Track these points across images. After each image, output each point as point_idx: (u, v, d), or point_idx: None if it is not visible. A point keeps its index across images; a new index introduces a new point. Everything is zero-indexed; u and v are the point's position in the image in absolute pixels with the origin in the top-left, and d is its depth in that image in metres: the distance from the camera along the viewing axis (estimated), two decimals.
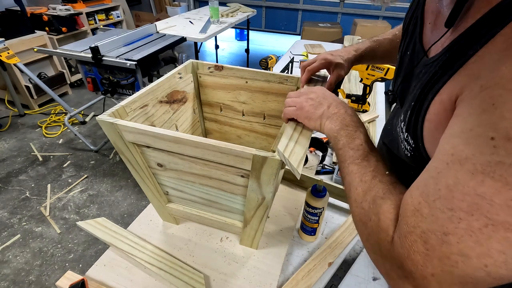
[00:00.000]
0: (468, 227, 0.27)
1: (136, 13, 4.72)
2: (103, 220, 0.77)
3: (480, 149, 0.27)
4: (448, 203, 0.28)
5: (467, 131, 0.28)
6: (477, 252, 0.26)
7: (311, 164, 0.98)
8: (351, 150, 0.44)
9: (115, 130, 0.53)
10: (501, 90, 0.26)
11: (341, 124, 0.47)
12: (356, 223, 0.41)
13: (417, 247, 0.30)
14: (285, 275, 0.68)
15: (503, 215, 0.25)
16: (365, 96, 1.27)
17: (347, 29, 4.11)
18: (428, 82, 0.38)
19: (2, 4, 3.16)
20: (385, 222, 0.35)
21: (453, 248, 0.27)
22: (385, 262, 0.35)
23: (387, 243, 0.34)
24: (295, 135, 0.51)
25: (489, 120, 0.26)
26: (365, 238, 0.39)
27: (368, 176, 0.40)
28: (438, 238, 0.28)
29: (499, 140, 0.25)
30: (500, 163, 0.25)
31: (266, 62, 1.48)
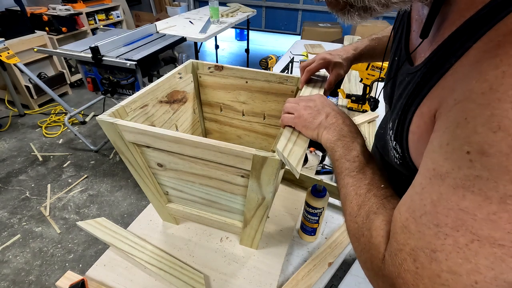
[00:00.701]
0: (455, 243, 0.27)
1: (136, 13, 4.72)
2: (103, 220, 0.77)
3: (457, 163, 0.27)
4: (434, 219, 0.28)
5: (444, 145, 0.29)
6: (466, 269, 0.26)
7: (311, 164, 0.98)
8: (347, 162, 0.43)
9: (115, 130, 0.53)
10: (472, 104, 0.26)
11: (338, 134, 0.46)
12: (351, 238, 0.41)
13: (407, 266, 0.30)
14: (285, 275, 0.68)
15: (487, 230, 0.25)
16: (365, 96, 1.27)
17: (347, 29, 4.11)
18: (412, 92, 0.38)
19: (2, 4, 3.16)
20: (377, 239, 0.35)
21: (443, 266, 0.27)
22: (377, 279, 0.34)
23: (378, 261, 0.34)
24: (294, 133, 0.51)
25: (463, 134, 0.26)
26: (358, 254, 0.38)
27: (363, 189, 0.40)
28: (427, 255, 0.28)
29: (474, 154, 0.25)
30: (478, 178, 0.25)
31: (266, 62, 1.48)
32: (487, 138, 0.24)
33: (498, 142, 0.24)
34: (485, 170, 0.25)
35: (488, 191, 0.25)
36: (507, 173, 0.24)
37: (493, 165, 0.24)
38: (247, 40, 3.80)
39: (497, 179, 0.24)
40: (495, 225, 0.25)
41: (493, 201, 0.25)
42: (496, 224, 0.25)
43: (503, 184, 0.24)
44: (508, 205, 0.24)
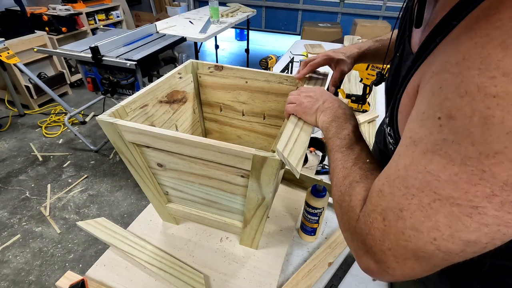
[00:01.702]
0: (419, 203, 0.28)
1: (136, 13, 4.72)
2: (103, 220, 0.77)
3: (430, 129, 0.28)
4: (404, 182, 0.30)
5: (420, 114, 0.30)
6: (427, 226, 0.28)
7: (311, 164, 0.98)
8: (338, 140, 0.47)
9: (115, 130, 0.53)
10: (446, 74, 0.28)
11: (333, 116, 0.51)
12: (334, 206, 0.44)
13: (377, 224, 0.32)
14: (285, 275, 0.68)
15: (448, 190, 0.27)
16: (365, 96, 1.27)
17: (347, 29, 4.11)
18: (404, 77, 0.40)
19: (2, 4, 3.16)
20: (355, 202, 0.38)
21: (407, 223, 0.29)
22: (353, 239, 0.37)
23: (354, 221, 0.37)
24: (294, 133, 0.51)
25: (436, 102, 0.28)
26: (340, 218, 0.41)
27: (349, 163, 0.43)
28: (394, 214, 0.30)
29: (443, 119, 0.27)
30: (445, 141, 0.27)
31: (266, 62, 1.48)
32: (455, 103, 0.26)
33: (463, 106, 0.25)
34: (451, 133, 0.26)
35: (452, 154, 0.26)
36: (469, 135, 0.25)
37: (458, 128, 0.26)
38: (247, 40, 3.80)
39: (460, 142, 0.26)
40: (455, 186, 0.26)
41: (455, 163, 0.26)
42: (456, 185, 0.26)
43: (464, 146, 0.25)
44: (468, 166, 0.25)
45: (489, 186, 0.25)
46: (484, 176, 0.25)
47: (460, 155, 0.26)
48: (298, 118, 0.57)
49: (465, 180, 0.26)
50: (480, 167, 0.25)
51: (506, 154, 0.24)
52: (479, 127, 0.24)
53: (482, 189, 0.25)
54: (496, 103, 0.23)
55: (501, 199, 0.25)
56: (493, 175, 0.24)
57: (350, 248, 0.39)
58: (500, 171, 0.24)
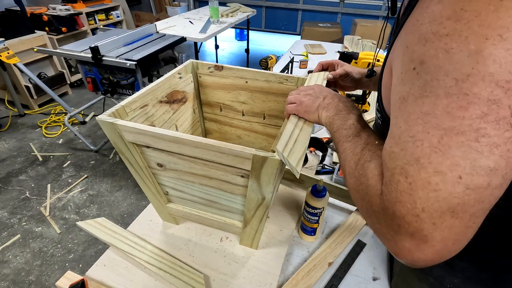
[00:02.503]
0: (430, 145, 0.29)
1: (136, 13, 4.72)
2: (103, 220, 0.77)
3: (411, 81, 0.32)
4: (409, 132, 0.31)
5: (399, 75, 0.34)
6: (447, 165, 0.28)
7: (311, 164, 0.98)
8: (344, 130, 0.47)
9: (115, 130, 0.53)
10: (408, 36, 0.34)
11: (335, 110, 0.52)
12: (352, 194, 0.42)
13: (401, 186, 0.31)
14: (285, 275, 0.68)
15: (447, 122, 0.28)
16: (365, 96, 1.27)
17: (347, 29, 4.11)
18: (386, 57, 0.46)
19: (2, 4, 3.16)
20: (373, 179, 0.37)
21: (429, 170, 0.29)
22: (379, 220, 0.35)
23: (377, 197, 0.35)
24: (294, 133, 0.51)
25: (407, 58, 0.33)
26: (360, 204, 0.40)
27: (358, 148, 0.43)
28: (413, 167, 0.30)
29: (418, 67, 0.31)
30: (426, 82, 0.30)
31: (266, 62, 1.48)
32: (421, 51, 0.31)
33: (428, 50, 0.30)
34: (428, 74, 0.30)
35: (436, 90, 0.29)
36: (441, 69, 0.29)
37: (431, 68, 0.30)
38: (247, 40, 3.80)
39: (437, 77, 0.29)
40: (451, 116, 0.28)
41: (442, 96, 0.29)
42: (451, 115, 0.28)
43: (442, 80, 0.29)
44: (453, 95, 0.28)
45: (478, 107, 0.27)
46: (469, 99, 0.27)
47: (442, 88, 0.29)
48: (298, 118, 0.57)
49: (456, 107, 0.28)
50: (463, 91, 0.27)
51: (476, 74, 0.27)
52: (445, 60, 0.28)
53: (474, 111, 0.27)
54: (449, 39, 0.28)
55: (494, 117, 0.26)
56: (476, 96, 0.27)
57: (379, 234, 0.36)
58: (479, 90, 0.27)
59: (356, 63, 1.19)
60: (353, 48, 2.07)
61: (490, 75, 0.26)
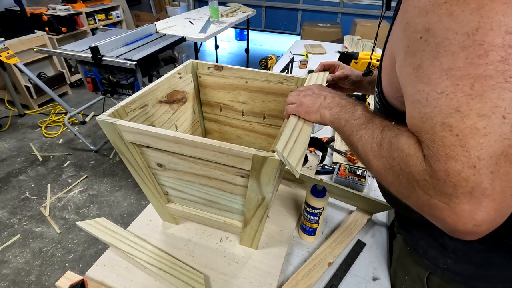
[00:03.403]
0: (464, 94, 0.30)
1: (136, 13, 4.72)
2: (103, 220, 0.77)
3: (421, 49, 0.34)
4: (437, 89, 0.32)
5: (406, 49, 0.36)
6: (488, 108, 0.28)
7: (311, 164, 0.98)
8: (354, 121, 0.47)
9: (115, 130, 0.53)
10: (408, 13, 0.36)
11: (339, 107, 0.51)
12: (384, 176, 0.39)
13: (448, 140, 0.30)
14: (285, 275, 0.68)
15: (472, 71, 0.29)
16: (365, 96, 1.27)
17: (347, 29, 4.11)
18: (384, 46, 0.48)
19: (2, 4, 3.15)
20: (409, 149, 0.34)
21: (472, 116, 0.29)
22: (427, 189, 0.32)
23: (420, 165, 0.32)
24: (294, 133, 0.51)
25: (411, 31, 0.35)
26: (397, 184, 0.36)
27: (377, 131, 0.42)
28: (455, 117, 0.30)
29: (424, 34, 0.33)
30: (437, 44, 0.32)
31: (266, 62, 1.48)
32: (424, 21, 0.33)
33: (431, 18, 0.33)
34: (436, 37, 0.32)
35: (450, 47, 0.31)
36: (449, 29, 0.31)
37: (438, 31, 0.32)
38: (247, 40, 3.80)
39: (447, 37, 0.31)
40: (475, 65, 0.29)
41: (458, 51, 0.30)
42: (475, 64, 0.29)
43: (453, 38, 0.31)
44: (469, 47, 0.29)
45: (496, 53, 0.28)
46: (486, 48, 0.29)
47: (456, 44, 0.30)
48: (298, 118, 0.57)
49: (476, 57, 0.29)
50: (477, 42, 0.29)
51: (483, 26, 0.29)
52: (451, 21, 0.31)
53: (493, 57, 0.28)
54: (449, 4, 0.31)
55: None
56: (490, 44, 0.28)
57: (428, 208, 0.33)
58: (492, 39, 0.28)
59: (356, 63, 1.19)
60: (353, 48, 2.07)
61: (497, 24, 0.28)
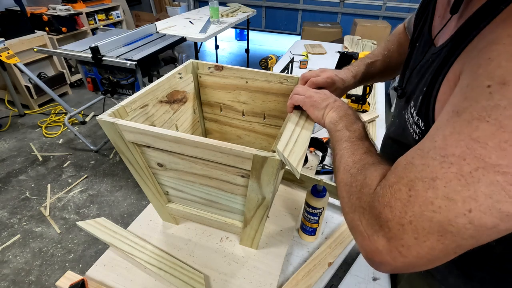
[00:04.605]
0: (458, 171, 0.27)
1: (136, 13, 4.72)
2: (103, 220, 0.77)
3: (476, 98, 0.28)
4: (442, 151, 0.28)
5: (464, 87, 0.30)
6: (463, 196, 0.26)
7: (311, 164, 0.98)
8: (348, 132, 0.46)
9: (115, 130, 0.53)
10: (498, 46, 0.28)
11: (344, 113, 0.51)
12: (341, 188, 0.41)
13: (400, 195, 0.30)
14: (285, 275, 0.68)
15: (495, 158, 0.25)
16: (365, 96, 1.27)
17: (347, 29, 4.11)
18: (439, 67, 0.40)
19: (2, 4, 3.15)
20: (370, 179, 0.35)
21: (439, 193, 0.27)
22: (362, 217, 0.34)
23: (367, 196, 0.34)
24: (294, 134, 0.51)
25: (485, 72, 0.28)
26: (347, 200, 0.39)
27: (360, 151, 0.42)
28: (425, 183, 0.28)
29: (494, 86, 0.26)
30: (496, 107, 0.26)
31: (266, 62, 1.48)
32: (509, 69, 0.26)
33: None
34: (504, 99, 0.26)
35: (504, 120, 0.25)
36: None
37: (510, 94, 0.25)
38: (247, 40, 3.80)
39: None
40: (504, 153, 0.25)
41: (506, 130, 0.25)
42: (506, 152, 0.25)
43: None
44: None
45: None
46: None
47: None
48: (299, 117, 0.57)
49: None
50: None
51: None
52: None
53: None
54: None
55: None
56: None
57: (356, 231, 0.35)
58: None
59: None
60: (353, 48, 2.07)
61: None
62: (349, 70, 0.72)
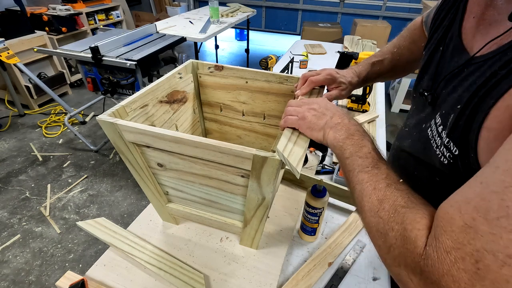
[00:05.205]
0: None
1: (136, 13, 4.72)
2: (103, 220, 0.77)
3: None
4: None
5: None
6: None
7: (311, 164, 0.98)
8: (360, 159, 0.42)
9: (115, 130, 0.53)
10: None
11: (347, 133, 0.46)
12: (373, 234, 0.38)
13: (463, 265, 0.27)
14: (285, 275, 0.68)
15: None
16: (365, 96, 1.27)
17: (347, 29, 4.11)
18: (483, 84, 0.35)
19: (2, 4, 3.15)
20: (413, 232, 0.32)
21: None
22: (412, 275, 0.31)
23: (416, 255, 0.31)
24: (294, 134, 0.51)
25: None
26: (386, 251, 0.35)
27: (381, 184, 0.38)
28: (497, 259, 0.25)
29: None
30: None
31: (266, 62, 1.48)
32: None
33: None
34: None
35: None
36: None
37: None
38: (247, 40, 3.81)
39: None
40: None
41: None
42: None
43: None
44: None
45: None
46: None
47: None
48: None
49: None
50: None
51: None
52: None
53: None
54: None
55: None
56: None
57: (406, 283, 0.32)
58: None
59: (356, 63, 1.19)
60: (353, 48, 2.07)
61: None
62: (352, 69, 0.71)
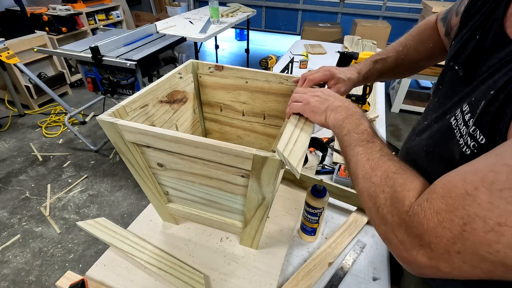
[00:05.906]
0: None
1: (136, 13, 4.72)
2: (103, 220, 0.77)
3: None
4: None
5: None
6: None
7: (311, 164, 0.98)
8: (356, 135, 0.45)
9: (115, 130, 0.53)
10: None
11: (346, 114, 0.49)
12: (364, 198, 0.40)
13: (450, 225, 0.28)
14: (285, 275, 0.68)
15: None
16: (365, 96, 1.27)
17: (347, 29, 4.11)
18: None
19: (2, 4, 3.16)
20: (402, 193, 0.35)
21: (503, 239, 0.25)
22: (396, 231, 0.34)
23: (402, 213, 0.33)
24: (294, 134, 0.51)
25: None
26: (375, 211, 0.38)
27: (375, 154, 0.41)
28: (486, 225, 0.26)
29: None
30: None
31: (266, 62, 1.48)
32: None
33: None
34: None
35: None
36: None
37: None
38: (247, 40, 3.81)
39: None
40: None
41: None
42: None
43: None
44: None
45: None
46: None
47: None
48: (299, 119, 0.57)
49: None
50: None
51: None
52: None
53: None
54: None
55: None
56: None
57: (390, 242, 0.35)
58: None
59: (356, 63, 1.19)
60: (353, 48, 2.07)
61: None
62: (353, 66, 0.72)
